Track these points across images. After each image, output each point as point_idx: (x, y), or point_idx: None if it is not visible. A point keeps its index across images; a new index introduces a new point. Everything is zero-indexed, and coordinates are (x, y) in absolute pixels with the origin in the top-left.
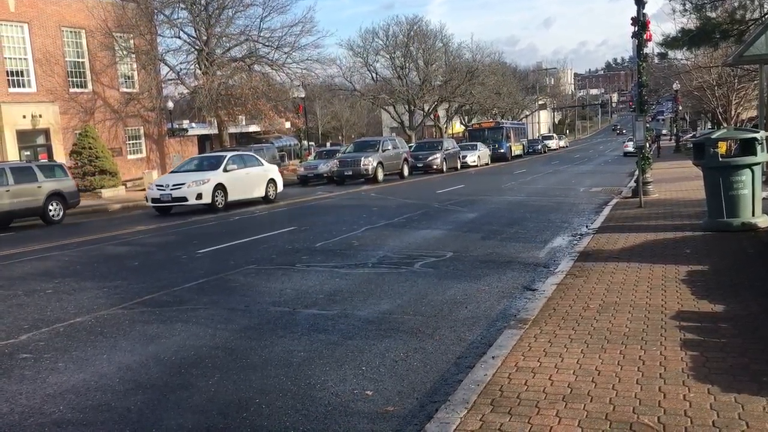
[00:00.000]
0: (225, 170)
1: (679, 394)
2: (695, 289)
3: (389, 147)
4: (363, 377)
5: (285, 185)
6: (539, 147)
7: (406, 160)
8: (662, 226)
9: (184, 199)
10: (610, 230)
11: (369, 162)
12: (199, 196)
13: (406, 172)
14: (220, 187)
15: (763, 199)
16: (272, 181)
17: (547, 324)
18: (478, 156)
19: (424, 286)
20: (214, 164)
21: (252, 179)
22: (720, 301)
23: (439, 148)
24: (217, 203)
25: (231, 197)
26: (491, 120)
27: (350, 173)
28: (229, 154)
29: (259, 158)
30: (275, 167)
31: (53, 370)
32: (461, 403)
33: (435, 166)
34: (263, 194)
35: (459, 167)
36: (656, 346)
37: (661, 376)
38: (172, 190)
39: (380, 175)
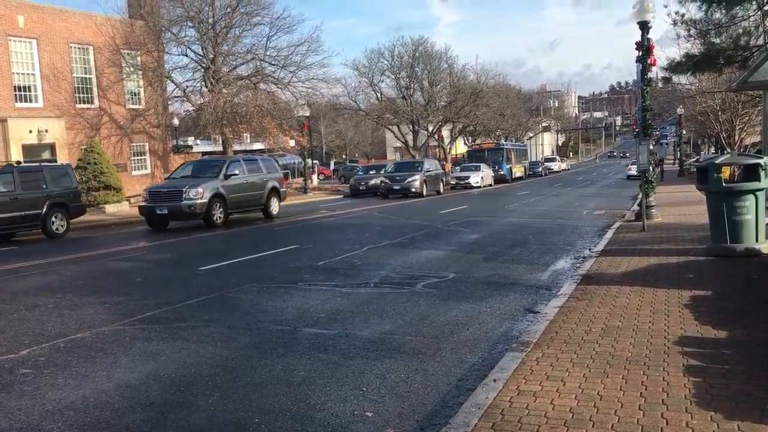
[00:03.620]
0: None
1: (682, 420)
2: (698, 315)
3: (237, 171)
4: (363, 398)
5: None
6: (540, 169)
7: (275, 189)
8: (665, 250)
9: None
10: (613, 253)
11: (198, 194)
12: None
13: (275, 208)
14: None
15: (767, 224)
16: None
17: (549, 347)
18: (482, 177)
19: (426, 306)
20: None
21: None
22: (723, 326)
23: (419, 169)
24: None
25: None
26: (492, 141)
27: (165, 211)
28: None
29: None
30: None
31: (53, 386)
32: (462, 426)
33: (414, 189)
34: None
35: (441, 191)
36: (659, 371)
37: (664, 402)
38: None
39: (218, 216)
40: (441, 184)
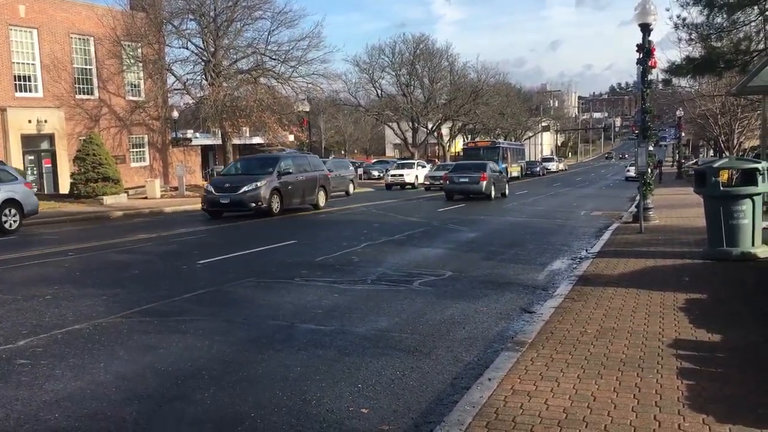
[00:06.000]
0: None
1: (674, 423)
2: (693, 318)
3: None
4: (359, 394)
5: None
6: (538, 169)
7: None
8: (662, 252)
9: None
10: (610, 255)
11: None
12: None
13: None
14: None
15: (763, 229)
16: None
17: (544, 347)
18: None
19: (423, 304)
20: None
21: None
22: (718, 330)
23: (270, 171)
24: None
25: None
26: (487, 139)
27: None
28: None
29: None
30: None
31: (50, 377)
32: (456, 424)
33: (254, 204)
34: None
35: (321, 204)
36: (653, 373)
37: (657, 404)
38: None
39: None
40: (321, 192)
